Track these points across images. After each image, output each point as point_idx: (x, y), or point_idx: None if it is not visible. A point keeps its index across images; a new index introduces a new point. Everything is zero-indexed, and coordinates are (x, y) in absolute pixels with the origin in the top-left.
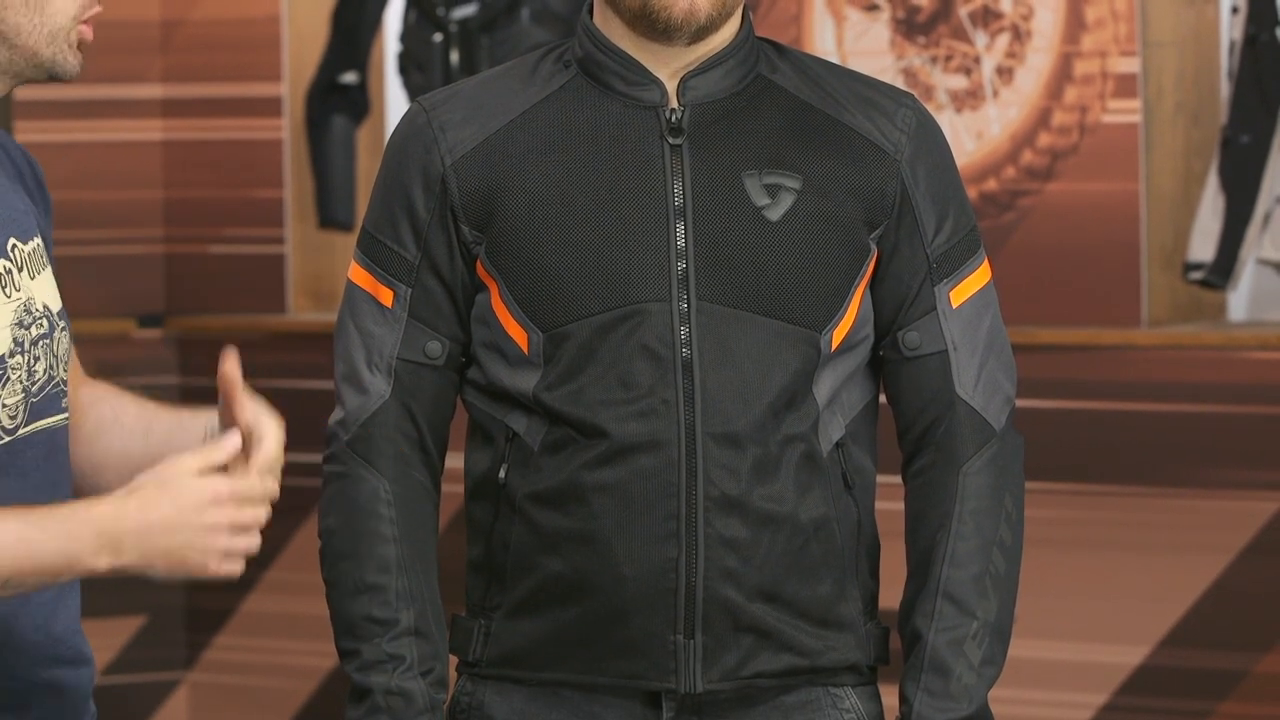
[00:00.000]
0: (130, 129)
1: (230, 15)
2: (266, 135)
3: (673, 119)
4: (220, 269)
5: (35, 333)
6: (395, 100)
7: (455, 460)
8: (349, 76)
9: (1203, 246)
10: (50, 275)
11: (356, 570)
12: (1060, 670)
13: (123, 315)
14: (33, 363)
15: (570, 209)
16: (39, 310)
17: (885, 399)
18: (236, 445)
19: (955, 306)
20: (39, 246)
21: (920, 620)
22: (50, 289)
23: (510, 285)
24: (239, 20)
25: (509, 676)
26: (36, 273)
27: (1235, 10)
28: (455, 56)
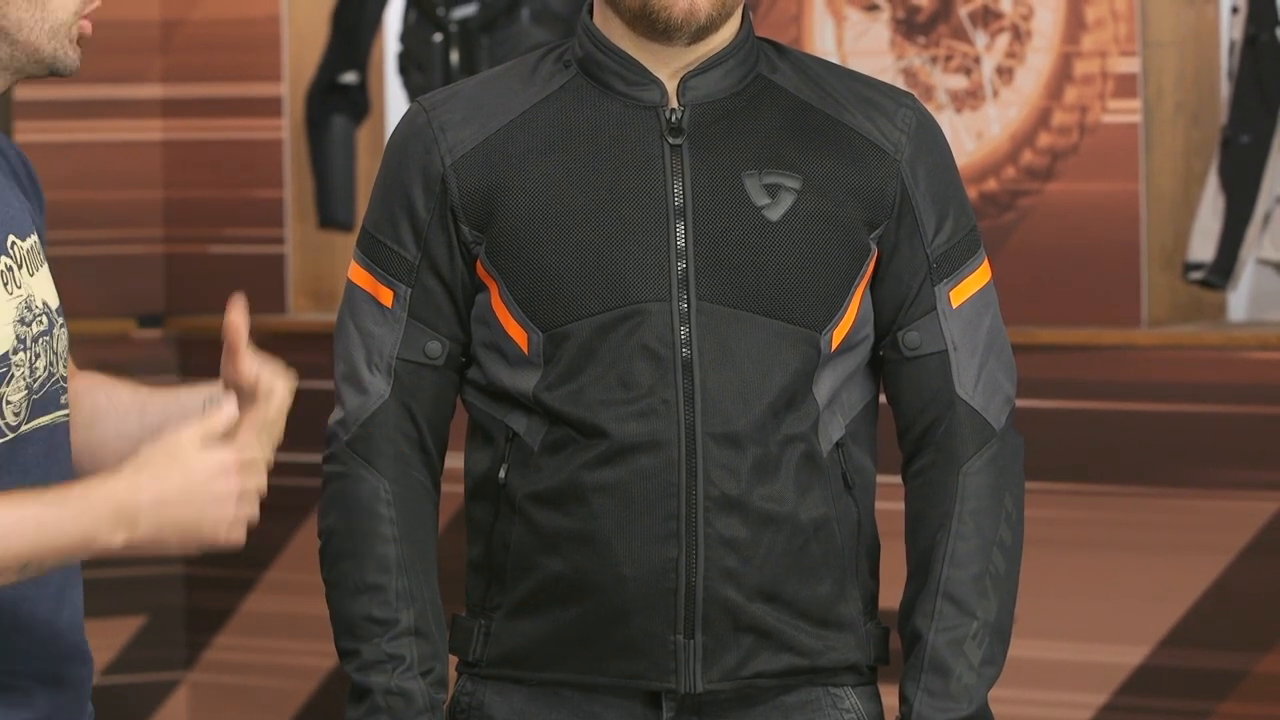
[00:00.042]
0: (130, 129)
1: (230, 15)
2: (266, 135)
3: (673, 119)
4: (220, 269)
5: (36, 329)
6: (395, 100)
7: (455, 460)
8: (349, 76)
9: (1203, 246)
10: (47, 272)
11: (356, 570)
12: (1060, 670)
13: (123, 315)
14: (34, 359)
15: (570, 209)
16: (39, 307)
17: (885, 399)
18: (233, 414)
19: (955, 306)
20: (36, 243)
21: (920, 620)
22: (48, 286)
23: (510, 285)
24: (239, 20)
25: (509, 676)
26: (35, 269)
27: (1235, 10)
28: (455, 56)
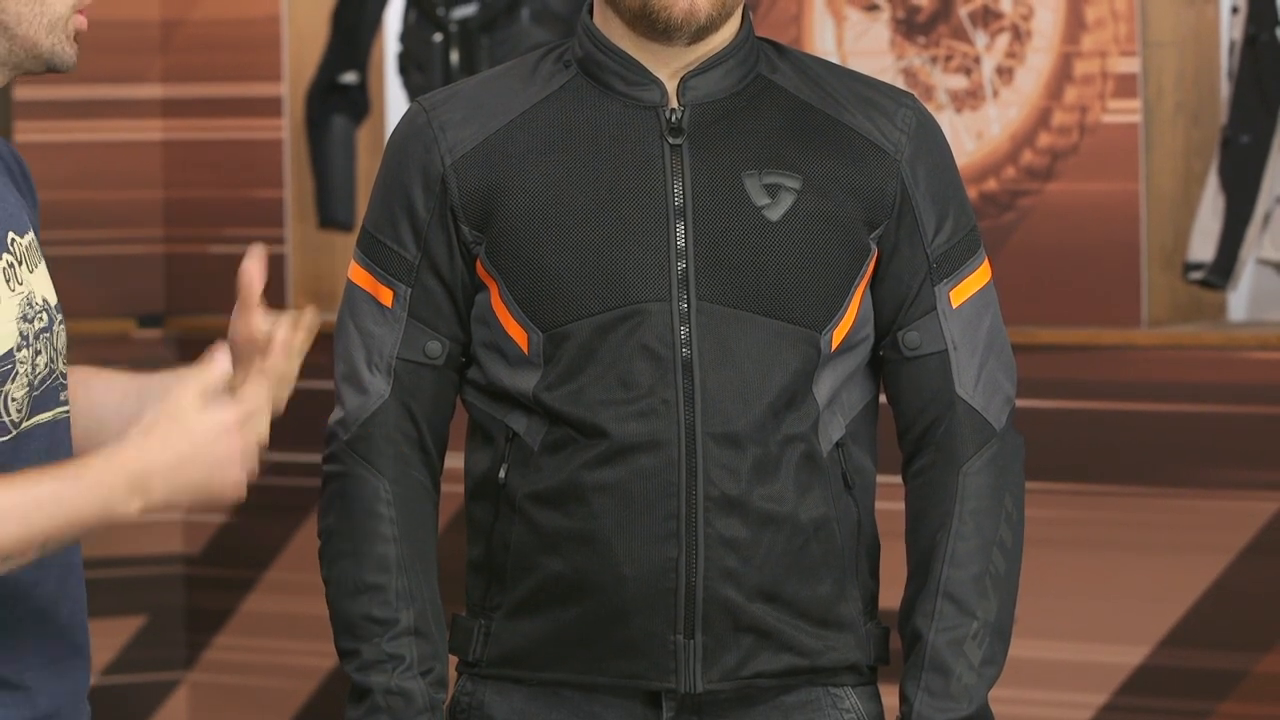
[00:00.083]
0: (130, 129)
1: (230, 15)
2: (266, 135)
3: (673, 119)
4: (220, 269)
5: (38, 326)
6: (395, 100)
7: (455, 460)
8: (349, 76)
9: (1203, 246)
10: (45, 269)
11: (356, 570)
12: (1060, 670)
13: (123, 315)
14: (35, 356)
15: (570, 209)
16: (39, 304)
17: (885, 399)
18: (226, 368)
19: (955, 306)
20: (33, 240)
21: (920, 620)
22: (46, 283)
23: (510, 285)
24: (239, 20)
25: (509, 676)
26: (34, 266)
27: (1235, 10)
28: (455, 56)
